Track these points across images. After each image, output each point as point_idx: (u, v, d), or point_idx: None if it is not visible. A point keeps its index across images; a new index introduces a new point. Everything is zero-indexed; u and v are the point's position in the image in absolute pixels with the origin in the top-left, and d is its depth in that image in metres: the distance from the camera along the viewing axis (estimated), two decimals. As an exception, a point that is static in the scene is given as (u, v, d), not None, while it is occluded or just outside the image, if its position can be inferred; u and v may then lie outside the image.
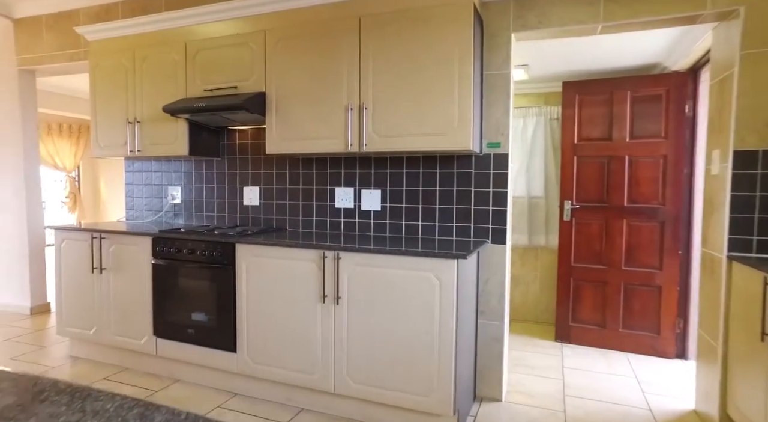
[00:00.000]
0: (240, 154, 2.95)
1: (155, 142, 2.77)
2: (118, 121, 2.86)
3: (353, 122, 2.31)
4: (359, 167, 2.67)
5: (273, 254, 2.26)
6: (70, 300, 2.81)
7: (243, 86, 2.54)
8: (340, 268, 2.13)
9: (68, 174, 7.80)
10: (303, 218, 2.81)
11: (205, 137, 2.85)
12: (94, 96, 2.94)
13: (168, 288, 2.51)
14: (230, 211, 2.99)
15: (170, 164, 3.15)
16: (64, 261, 2.80)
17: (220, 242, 2.37)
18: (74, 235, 2.75)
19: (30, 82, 3.76)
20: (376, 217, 2.65)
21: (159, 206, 3.21)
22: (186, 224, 3.06)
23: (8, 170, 3.80)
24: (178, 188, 3.13)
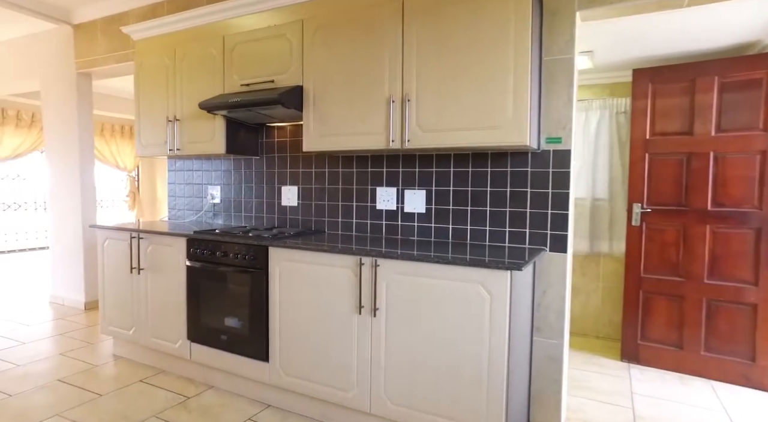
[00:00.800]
0: (278, 152, 2.83)
1: (193, 140, 2.70)
2: (159, 119, 2.83)
3: (395, 116, 2.11)
4: (402, 166, 2.47)
5: (307, 258, 2.11)
6: (112, 300, 2.81)
7: (280, 80, 2.40)
8: (378, 276, 1.93)
9: (128, 174, 8.17)
10: (342, 220, 2.64)
11: (243, 134, 2.76)
12: (138, 95, 2.93)
13: (202, 292, 2.43)
14: (268, 211, 2.88)
15: (210, 163, 3.10)
16: (106, 260, 2.81)
17: (253, 245, 2.24)
18: (115, 234, 2.75)
19: (86, 84, 3.86)
20: (420, 220, 2.43)
21: (199, 206, 3.17)
22: (224, 225, 2.98)
23: (68, 170, 3.93)
24: (217, 187, 3.07)
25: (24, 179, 7.29)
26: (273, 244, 2.17)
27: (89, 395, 2.37)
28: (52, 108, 3.99)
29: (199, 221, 3.12)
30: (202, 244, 2.40)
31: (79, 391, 2.41)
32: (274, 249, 2.19)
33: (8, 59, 4.31)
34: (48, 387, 2.46)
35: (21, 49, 4.21)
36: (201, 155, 2.75)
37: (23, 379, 2.54)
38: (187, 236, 2.44)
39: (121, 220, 8.47)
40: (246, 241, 2.25)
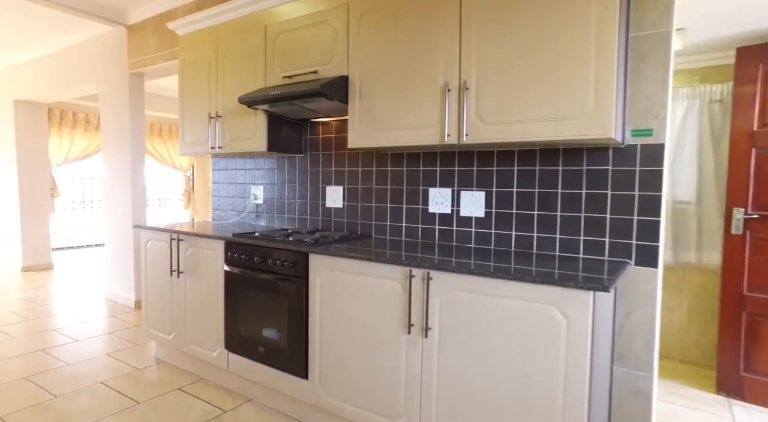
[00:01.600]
0: (323, 149, 2.64)
1: (235, 137, 2.57)
2: (202, 116, 2.72)
3: (451, 107, 1.84)
4: (458, 164, 2.19)
5: (350, 268, 1.88)
6: (154, 302, 2.73)
7: (323, 70, 2.20)
8: (430, 291, 1.67)
9: (184, 173, 8.40)
10: (391, 223, 2.40)
11: (286, 131, 2.59)
12: (181, 92, 2.84)
13: (239, 299, 2.28)
14: (312, 213, 2.70)
15: (253, 161, 2.97)
16: (148, 261, 2.74)
17: (292, 250, 2.05)
18: (156, 235, 2.67)
19: (138, 84, 3.88)
20: (478, 225, 2.14)
21: (242, 206, 3.05)
22: (266, 227, 2.84)
23: (120, 170, 3.97)
24: (260, 187, 2.93)
25: (90, 179, 7.68)
26: (313, 251, 1.97)
27: (127, 402, 2.29)
28: (108, 109, 4.05)
29: (242, 223, 3.00)
30: (240, 248, 2.25)
31: (118, 397, 2.33)
32: (315, 256, 1.99)
33: (70, 64, 4.45)
34: (90, 389, 2.40)
35: (81, 54, 4.33)
36: (243, 153, 2.61)
37: (69, 379, 2.51)
38: (224, 239, 2.30)
39: (176, 219, 8.73)
40: (285, 246, 2.07)
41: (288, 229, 2.61)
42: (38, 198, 5.57)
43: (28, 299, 4.14)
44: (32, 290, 4.48)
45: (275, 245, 2.10)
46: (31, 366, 2.70)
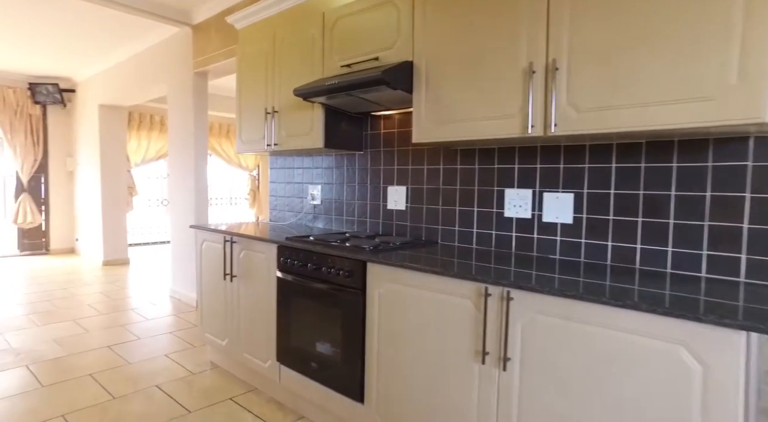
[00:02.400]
0: (385, 146, 2.41)
1: (291, 133, 2.41)
2: (258, 112, 2.59)
3: (536, 92, 1.53)
4: (541, 160, 1.86)
5: (413, 280, 1.63)
6: (208, 306, 2.65)
7: (385, 57, 1.97)
8: (510, 314, 1.37)
9: (250, 173, 8.60)
10: (460, 228, 2.12)
11: (345, 126, 2.38)
12: (239, 87, 2.74)
13: (292, 309, 2.10)
14: (372, 216, 2.47)
15: (311, 160, 2.80)
16: (204, 263, 2.66)
17: (348, 258, 1.83)
18: (210, 236, 2.58)
19: (202, 84, 3.89)
20: (565, 233, 1.80)
21: (299, 207, 2.89)
22: (323, 229, 2.66)
23: (184, 169, 4.01)
24: (317, 187, 2.75)
25: (164, 178, 8.07)
26: (372, 259, 1.74)
27: (179, 410, 2.20)
28: (174, 109, 4.11)
29: (298, 224, 2.84)
30: (293, 253, 2.07)
31: (171, 403, 2.25)
32: (374, 266, 1.76)
33: (143, 68, 4.59)
34: (146, 393, 2.35)
35: (152, 57, 4.44)
36: (299, 150, 2.45)
37: (128, 380, 2.49)
38: (277, 243, 2.14)
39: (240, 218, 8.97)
40: (341, 253, 1.85)
41: (346, 233, 2.41)
42: (118, 197, 5.88)
43: (105, 293, 4.31)
44: (109, 285, 4.68)
45: (330, 251, 1.89)
46: (97, 362, 2.72)
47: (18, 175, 6.30)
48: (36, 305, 3.90)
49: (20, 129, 6.16)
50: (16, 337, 3.12)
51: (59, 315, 3.61)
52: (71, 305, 3.91)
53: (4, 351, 2.86)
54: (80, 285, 4.62)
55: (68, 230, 6.64)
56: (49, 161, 6.46)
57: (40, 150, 6.35)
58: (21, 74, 5.99)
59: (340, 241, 2.03)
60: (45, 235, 6.51)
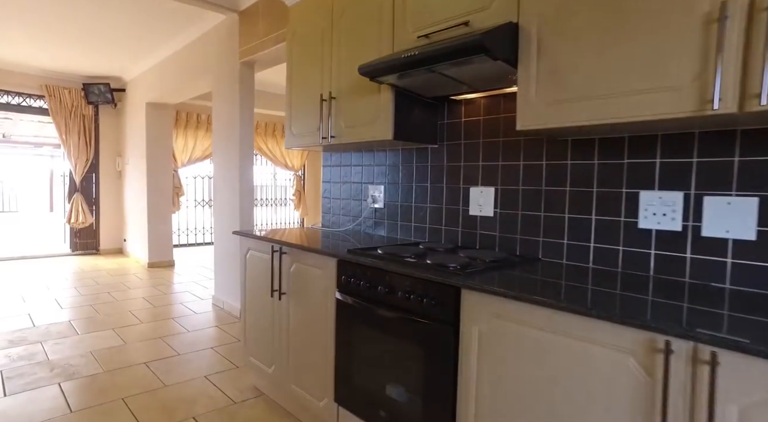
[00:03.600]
0: (466, 137, 1.96)
1: (352, 123, 2.00)
2: (312, 100, 2.21)
3: (729, 49, 1.04)
4: (699, 152, 1.35)
5: (533, 318, 1.17)
6: (253, 324, 2.29)
7: (479, 20, 1.52)
8: (718, 389, 0.89)
9: (295, 173, 8.37)
10: (570, 242, 1.63)
11: (418, 114, 1.96)
12: (289, 72, 2.37)
13: (355, 339, 1.69)
14: (449, 223, 2.03)
15: (372, 156, 2.39)
16: (249, 275, 2.31)
17: (434, 281, 1.40)
18: (256, 244, 2.21)
19: (249, 75, 3.59)
20: (739, 253, 1.28)
21: (357, 211, 2.49)
22: (388, 239, 2.23)
23: (228, 168, 3.72)
24: (380, 187, 2.34)
25: (210, 178, 7.97)
26: (470, 285, 1.29)
27: (218, 453, 1.84)
28: (219, 103, 3.83)
29: (356, 232, 2.44)
30: (358, 270, 1.66)
31: (210, 443, 1.90)
32: (471, 294, 1.31)
33: (188, 63, 4.36)
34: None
35: (195, 51, 4.20)
36: (360, 144, 2.04)
37: (163, 409, 2.17)
38: (336, 256, 1.73)
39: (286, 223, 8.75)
40: (424, 274, 1.42)
41: (419, 244, 1.97)
42: (164, 197, 5.74)
43: (147, 299, 4.10)
44: (152, 289, 4.49)
45: (408, 271, 1.46)
46: (132, 383, 2.43)
47: (71, 175, 6.32)
48: (79, 310, 3.72)
49: (74, 129, 6.16)
50: (55, 347, 2.90)
51: (100, 323, 3.40)
52: (113, 311, 3.70)
53: (41, 365, 2.63)
54: (124, 289, 4.45)
55: (117, 231, 6.61)
56: (100, 161, 6.45)
57: (92, 150, 6.34)
58: (76, 75, 5.98)
59: (416, 256, 1.60)
60: (95, 235, 6.50)
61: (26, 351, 2.83)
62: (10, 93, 5.77)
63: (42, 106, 6.04)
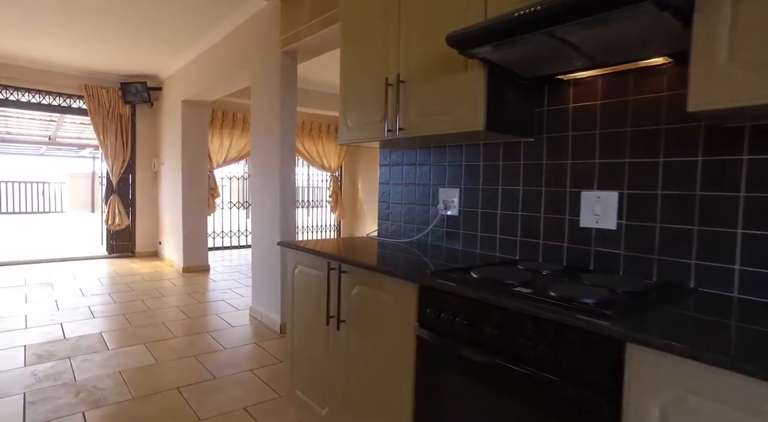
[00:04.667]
0: (576, 128, 1.53)
1: (427, 111, 1.61)
2: (373, 86, 1.83)
3: None
4: None
5: (748, 397, 0.74)
6: (302, 353, 1.93)
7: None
8: None
9: (332, 174, 8.06)
10: (744, 268, 1.19)
11: (512, 99, 1.55)
12: (344, 54, 2.00)
13: (444, 392, 1.29)
14: (549, 235, 1.61)
15: (443, 153, 1.99)
16: (297, 294, 1.95)
17: (575, 328, 0.99)
18: (307, 259, 1.85)
19: (291, 65, 3.26)
20: None
21: (424, 219, 2.09)
22: (463, 253, 1.83)
23: (268, 168, 3.41)
24: (454, 191, 1.93)
25: (245, 179, 7.76)
26: (643, 339, 0.87)
27: None
28: (258, 98, 3.53)
29: (422, 243, 2.05)
30: (448, 301, 1.26)
31: None
32: (646, 352, 0.89)
33: (225, 56, 4.09)
34: (219, 476, 1.68)
35: (233, 44, 3.92)
36: (433, 137, 1.66)
37: (196, 449, 1.84)
38: (417, 281, 1.34)
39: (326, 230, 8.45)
40: (558, 317, 1.01)
41: (516, 263, 1.56)
42: (199, 199, 5.52)
43: (181, 309, 3.84)
44: (186, 297, 4.24)
45: (530, 309, 1.05)
46: (162, 412, 2.12)
47: (108, 176, 6.22)
48: (111, 320, 3.49)
49: (111, 130, 6.05)
50: (84, 364, 2.64)
51: (132, 336, 3.14)
52: (146, 322, 3.45)
53: (67, 387, 2.36)
54: (158, 296, 4.22)
55: (153, 233, 6.46)
56: (137, 162, 6.32)
57: (128, 151, 6.22)
58: (113, 74, 5.86)
59: (528, 284, 1.19)
60: (131, 238, 6.37)
61: (53, 368, 2.58)
62: (51, 93, 5.70)
63: (81, 106, 5.95)
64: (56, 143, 11.31)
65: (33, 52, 4.89)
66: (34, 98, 5.62)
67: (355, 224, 8.41)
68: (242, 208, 7.60)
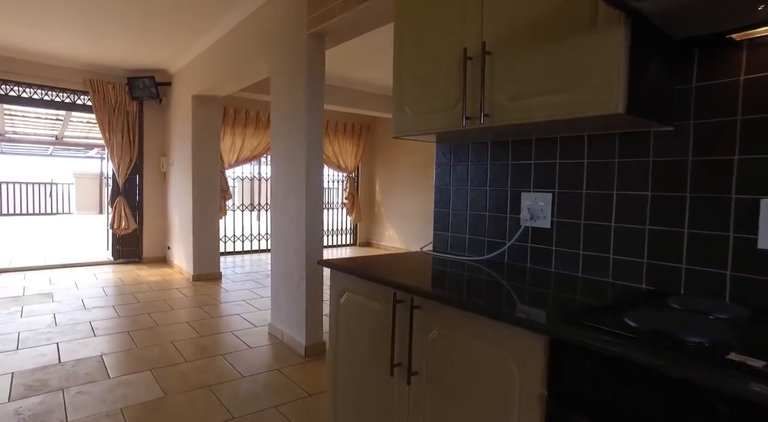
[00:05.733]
0: (750, 110, 1.10)
1: (524, 90, 1.19)
2: (445, 60, 1.41)
3: None
4: None
5: None
6: (348, 408, 1.51)
7: None
8: None
9: (348, 175, 7.66)
10: None
11: (654, 71, 1.12)
12: (401, 24, 1.59)
13: None
14: (698, 259, 1.17)
15: (525, 148, 1.56)
16: (344, 329, 1.53)
17: None
18: (361, 286, 1.43)
19: (318, 49, 2.85)
20: None
21: (498, 231, 1.66)
22: (561, 276, 1.40)
23: (291, 166, 3.00)
24: (543, 197, 1.51)
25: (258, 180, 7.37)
26: None
27: None
28: (279, 90, 3.12)
29: (496, 262, 1.62)
30: (601, 364, 0.84)
31: None
32: None
33: (239, 46, 3.69)
34: None
35: (249, 30, 3.52)
36: (545, 124, 1.24)
37: None
38: (548, 333, 0.92)
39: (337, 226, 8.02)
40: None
41: (664, 296, 1.13)
42: (211, 202, 5.14)
43: (192, 325, 3.44)
44: (197, 311, 3.84)
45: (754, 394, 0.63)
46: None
47: (114, 177, 5.86)
48: (114, 339, 3.10)
49: (118, 127, 5.68)
50: (79, 398, 2.24)
51: (137, 360, 2.74)
52: (153, 341, 3.06)
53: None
54: (166, 310, 3.83)
55: (161, 238, 6.09)
56: (144, 162, 5.95)
57: (135, 150, 5.85)
58: (120, 68, 5.50)
59: (730, 345, 0.77)
60: (138, 242, 6.00)
61: (42, 404, 2.19)
62: (54, 89, 5.35)
63: (86, 103, 5.59)
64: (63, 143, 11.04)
65: (34, 43, 4.52)
66: (36, 94, 5.27)
67: (372, 228, 7.99)
68: (255, 210, 7.22)
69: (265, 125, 6.62)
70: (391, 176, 7.56)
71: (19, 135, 10.25)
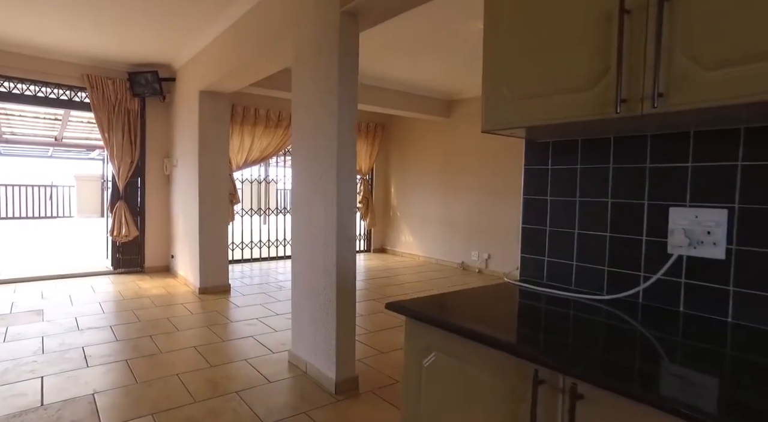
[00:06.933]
0: None
1: (757, 49, 0.74)
2: (577, 14, 0.97)
3: None
4: None
5: None
6: None
7: None
8: None
9: (362, 177, 7.22)
10: None
11: None
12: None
13: None
14: None
15: (673, 144, 1.12)
16: (429, 402, 1.08)
17: None
18: (460, 347, 0.97)
19: (352, 32, 2.41)
20: None
21: (628, 259, 1.21)
22: (744, 329, 0.95)
23: (317, 167, 2.56)
24: (711, 214, 1.06)
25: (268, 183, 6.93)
26: None
27: None
28: (302, 81, 2.68)
29: (630, 303, 1.17)
30: None
31: None
32: None
33: (253, 33, 3.26)
34: None
35: (266, 13, 3.09)
36: (686, 114, 0.79)
37: None
38: None
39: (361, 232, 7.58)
40: None
41: None
42: (218, 207, 4.70)
43: (200, 350, 3.00)
44: (205, 331, 3.40)
45: None
46: None
47: (114, 180, 5.43)
48: (110, 370, 2.66)
49: (118, 126, 5.26)
50: (63, 452, 1.81)
51: (136, 401, 2.30)
52: (155, 374, 2.62)
53: None
54: (170, 331, 3.38)
55: (164, 245, 5.66)
56: (146, 164, 5.52)
57: (137, 151, 5.42)
58: (120, 62, 5.07)
59: None
60: (140, 251, 5.57)
61: (17, 466, 1.75)
62: (49, 85, 4.92)
63: (84, 101, 5.17)
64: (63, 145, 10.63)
65: (25, 32, 4.10)
66: (29, 90, 4.84)
67: (387, 233, 7.55)
68: (263, 214, 6.78)
69: (275, 123, 6.19)
70: (408, 178, 7.11)
71: (17, 136, 9.86)
